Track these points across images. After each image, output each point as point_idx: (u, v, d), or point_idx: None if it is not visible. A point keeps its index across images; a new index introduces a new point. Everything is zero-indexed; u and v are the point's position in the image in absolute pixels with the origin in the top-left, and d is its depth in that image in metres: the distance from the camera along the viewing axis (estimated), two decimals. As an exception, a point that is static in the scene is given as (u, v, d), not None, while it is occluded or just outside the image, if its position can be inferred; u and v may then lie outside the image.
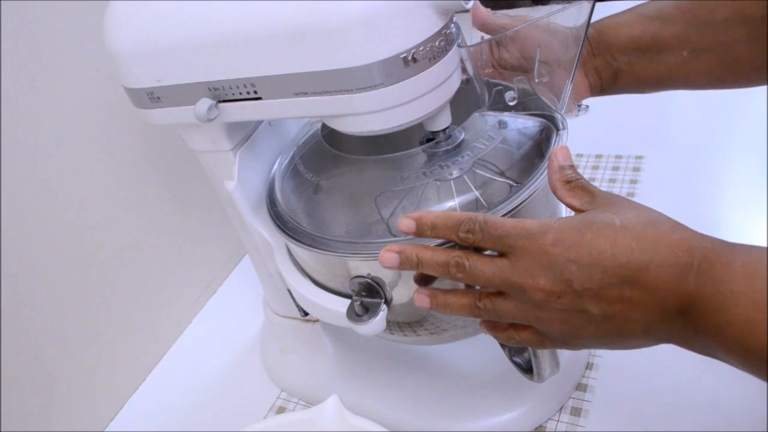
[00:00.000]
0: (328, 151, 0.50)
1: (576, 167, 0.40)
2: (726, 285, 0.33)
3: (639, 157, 0.81)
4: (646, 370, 0.57)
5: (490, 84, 0.50)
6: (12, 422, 0.57)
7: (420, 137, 0.49)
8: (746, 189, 0.72)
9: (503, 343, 0.49)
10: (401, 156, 0.46)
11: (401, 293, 0.46)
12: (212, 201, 0.56)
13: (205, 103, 0.43)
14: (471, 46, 0.47)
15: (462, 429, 0.55)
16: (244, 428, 0.48)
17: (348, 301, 0.46)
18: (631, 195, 0.76)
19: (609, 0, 1.12)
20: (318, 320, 0.60)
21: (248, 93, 0.42)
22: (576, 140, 0.59)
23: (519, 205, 0.43)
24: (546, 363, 0.45)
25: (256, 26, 0.39)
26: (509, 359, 0.49)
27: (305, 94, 0.40)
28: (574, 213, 0.39)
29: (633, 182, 0.78)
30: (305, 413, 0.48)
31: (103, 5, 0.44)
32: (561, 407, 0.56)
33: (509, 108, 0.48)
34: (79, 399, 0.64)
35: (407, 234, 0.40)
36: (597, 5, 0.43)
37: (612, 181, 0.79)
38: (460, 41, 0.43)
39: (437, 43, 0.39)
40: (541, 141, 0.47)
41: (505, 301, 0.38)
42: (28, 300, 0.59)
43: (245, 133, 0.50)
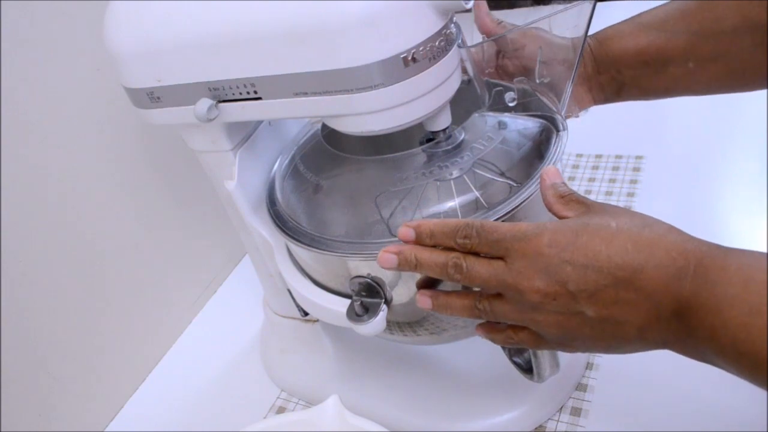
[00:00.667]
0: (328, 151, 0.50)
1: (567, 183, 0.41)
2: (721, 288, 0.32)
3: (639, 157, 0.81)
4: (646, 371, 0.57)
5: (490, 84, 0.50)
6: (12, 422, 0.57)
7: (420, 137, 0.49)
8: (746, 189, 0.72)
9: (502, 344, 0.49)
10: (401, 156, 0.46)
11: (401, 293, 0.46)
12: (212, 201, 0.56)
13: (205, 103, 0.43)
14: (471, 46, 0.48)
15: (462, 429, 0.55)
16: (244, 428, 0.48)
17: (348, 301, 0.46)
18: (631, 195, 0.76)
19: (609, 0, 1.12)
20: (318, 320, 0.60)
21: (248, 93, 0.42)
22: (576, 140, 0.59)
23: (519, 206, 0.43)
24: (546, 363, 0.45)
25: (256, 26, 0.39)
26: (509, 359, 0.49)
27: (305, 94, 0.40)
28: None
29: (633, 182, 0.78)
30: (305, 413, 0.48)
31: (103, 5, 0.44)
32: (561, 407, 0.56)
33: (509, 109, 0.48)
34: (79, 399, 0.64)
35: (406, 242, 0.40)
36: (597, 5, 0.43)
37: (612, 181, 0.79)
38: (460, 41, 0.43)
39: (437, 43, 0.39)
40: (541, 142, 0.47)
41: (503, 303, 0.38)
42: (28, 300, 0.59)
43: (245, 133, 0.50)
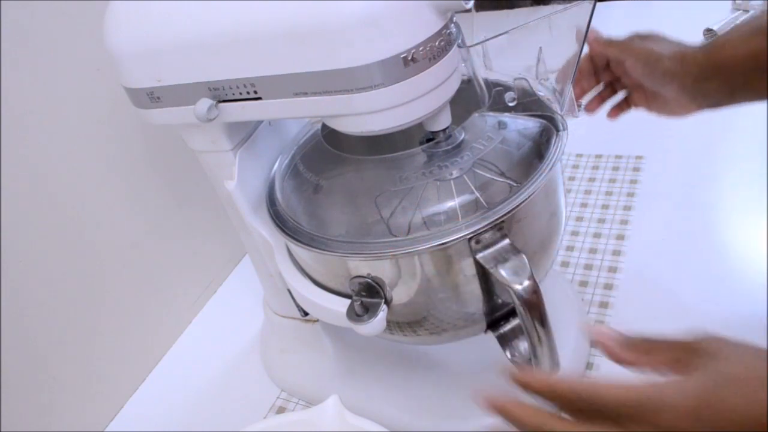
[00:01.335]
0: (328, 151, 0.50)
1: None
2: None
3: (639, 157, 0.81)
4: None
5: (490, 84, 0.50)
6: (12, 422, 0.57)
7: (420, 137, 0.49)
8: (746, 189, 0.72)
9: (503, 343, 0.49)
10: (401, 156, 0.46)
11: (401, 293, 0.46)
12: (212, 201, 0.56)
13: (205, 103, 0.43)
14: (471, 46, 0.48)
15: (462, 429, 0.55)
16: (244, 428, 0.48)
17: (348, 301, 0.46)
18: (631, 195, 0.76)
19: (609, 0, 1.12)
20: (318, 320, 0.60)
21: (248, 93, 0.42)
22: (576, 140, 0.59)
23: (519, 206, 0.43)
24: (546, 363, 0.45)
25: (256, 26, 0.39)
26: (509, 359, 0.49)
27: (305, 94, 0.40)
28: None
29: (633, 182, 0.78)
30: (305, 413, 0.48)
31: (103, 5, 0.44)
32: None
33: (509, 108, 0.48)
34: (79, 399, 0.64)
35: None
36: (597, 5, 0.43)
37: (612, 181, 0.79)
38: (460, 41, 0.43)
39: (437, 43, 0.39)
40: (541, 142, 0.47)
41: None
42: (29, 300, 0.59)
43: (245, 133, 0.50)
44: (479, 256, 0.43)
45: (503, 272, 0.42)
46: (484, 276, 0.45)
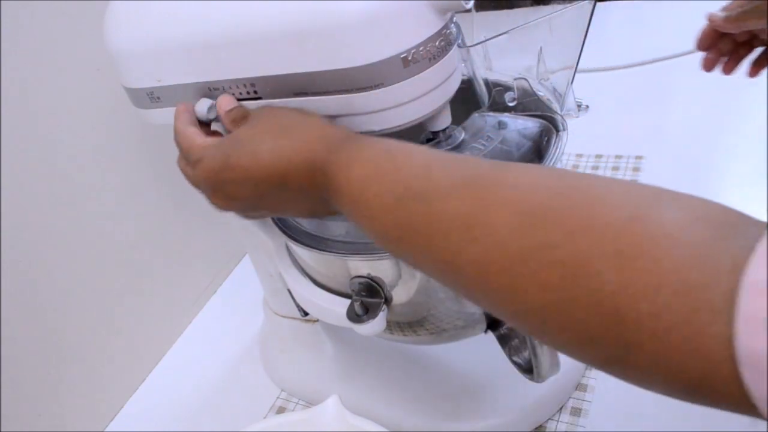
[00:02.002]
0: (328, 151, 0.50)
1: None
2: (355, 153, 0.36)
3: (639, 157, 0.81)
4: (646, 370, 0.57)
5: (490, 84, 0.50)
6: (12, 422, 0.57)
7: (420, 137, 0.49)
8: (746, 189, 0.72)
9: (503, 343, 0.49)
10: (401, 156, 0.46)
11: (401, 293, 0.46)
12: (212, 201, 0.56)
13: (205, 103, 0.43)
14: (471, 46, 0.48)
15: (462, 429, 0.55)
16: (244, 428, 0.48)
17: (348, 301, 0.46)
18: (631, 195, 0.76)
19: (609, 0, 1.12)
20: (318, 320, 0.60)
21: (248, 93, 0.42)
22: (576, 140, 0.59)
23: (519, 205, 0.43)
24: (546, 363, 0.45)
25: (256, 26, 0.39)
26: (509, 359, 0.49)
27: (305, 94, 0.40)
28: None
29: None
30: (305, 413, 0.48)
31: (103, 5, 0.44)
32: (561, 407, 0.56)
33: (509, 109, 0.48)
34: (79, 399, 0.64)
35: None
36: (597, 5, 0.43)
37: (612, 181, 0.79)
38: (460, 41, 0.43)
39: (437, 44, 0.39)
40: (541, 142, 0.47)
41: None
42: (28, 300, 0.59)
43: (245, 133, 0.50)
44: (479, 256, 0.43)
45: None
46: (484, 276, 0.45)
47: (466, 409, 0.56)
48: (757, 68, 0.59)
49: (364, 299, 0.46)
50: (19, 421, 0.58)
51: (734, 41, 0.57)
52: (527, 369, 0.47)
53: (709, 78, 0.92)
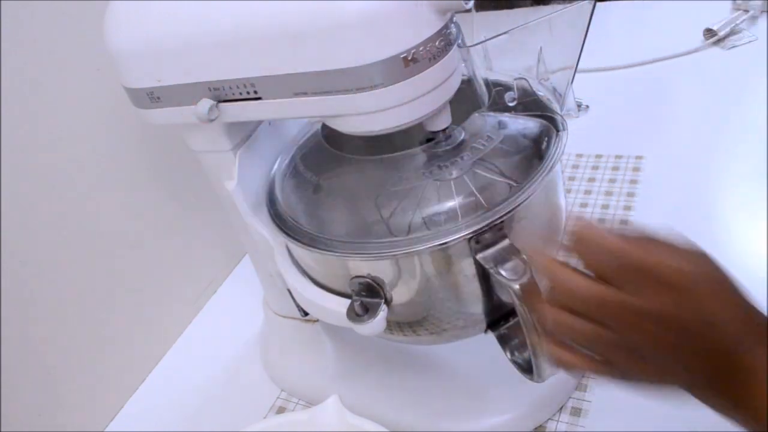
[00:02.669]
0: (328, 151, 0.50)
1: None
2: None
3: (639, 157, 0.81)
4: (646, 370, 0.57)
5: (490, 84, 0.50)
6: (12, 422, 0.57)
7: (420, 137, 0.49)
8: (746, 189, 0.72)
9: (503, 343, 0.49)
10: (401, 156, 0.46)
11: (401, 293, 0.46)
12: (212, 201, 0.56)
13: (206, 104, 0.43)
14: (471, 46, 0.48)
15: (462, 429, 0.55)
16: (244, 428, 0.48)
17: (348, 301, 0.46)
18: (631, 195, 0.76)
19: (609, 0, 1.12)
20: (318, 320, 0.60)
21: (248, 93, 0.42)
22: (576, 140, 0.59)
23: (519, 205, 0.43)
24: (546, 363, 0.45)
25: (256, 26, 0.39)
26: (509, 359, 0.49)
27: (305, 94, 0.40)
28: None
29: (633, 182, 0.78)
30: (305, 413, 0.48)
31: (103, 5, 0.44)
32: (561, 407, 0.56)
33: (509, 109, 0.48)
34: (79, 399, 0.64)
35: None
36: (597, 5, 0.43)
37: (612, 181, 0.79)
38: (460, 41, 0.43)
39: (437, 43, 0.39)
40: (541, 142, 0.47)
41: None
42: (29, 300, 0.59)
43: (245, 133, 0.50)
44: (479, 256, 0.43)
45: (503, 272, 0.42)
46: (484, 276, 0.45)
47: (466, 409, 0.56)
48: None
49: (364, 299, 0.46)
50: (19, 421, 0.58)
51: None
52: (527, 369, 0.47)
53: (709, 78, 0.93)
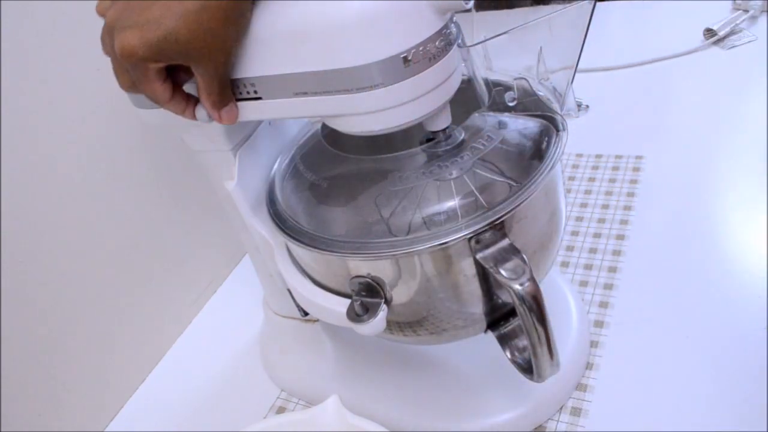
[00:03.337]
0: (328, 151, 0.50)
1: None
2: None
3: (639, 157, 0.81)
4: (647, 370, 0.57)
5: (490, 84, 0.50)
6: (12, 422, 0.57)
7: (420, 137, 0.49)
8: (746, 189, 0.72)
9: (503, 343, 0.49)
10: (401, 156, 0.46)
11: (401, 293, 0.46)
12: (212, 201, 0.56)
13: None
14: (471, 46, 0.48)
15: (462, 429, 0.55)
16: (244, 428, 0.48)
17: (348, 301, 0.46)
18: (631, 195, 0.76)
19: (609, 0, 1.12)
20: (318, 320, 0.60)
21: (248, 93, 0.42)
22: (576, 140, 0.59)
23: (519, 205, 0.43)
24: (546, 363, 0.45)
25: (257, 26, 0.39)
26: (509, 359, 0.49)
27: (305, 94, 0.40)
28: None
29: (633, 182, 0.78)
30: (305, 413, 0.48)
31: (103, 5, 0.44)
32: (561, 407, 0.56)
33: (509, 108, 0.48)
34: (79, 399, 0.64)
35: None
36: (597, 5, 0.43)
37: (612, 181, 0.79)
38: (460, 41, 0.43)
39: (437, 43, 0.39)
40: (541, 142, 0.47)
41: None
42: (29, 300, 0.59)
43: (245, 133, 0.50)
44: (479, 256, 0.43)
45: (503, 272, 0.42)
46: (484, 276, 0.45)
47: (466, 409, 0.56)
48: None
49: (364, 299, 0.46)
50: (19, 421, 0.58)
51: None
52: (527, 369, 0.47)
53: (709, 78, 0.93)
